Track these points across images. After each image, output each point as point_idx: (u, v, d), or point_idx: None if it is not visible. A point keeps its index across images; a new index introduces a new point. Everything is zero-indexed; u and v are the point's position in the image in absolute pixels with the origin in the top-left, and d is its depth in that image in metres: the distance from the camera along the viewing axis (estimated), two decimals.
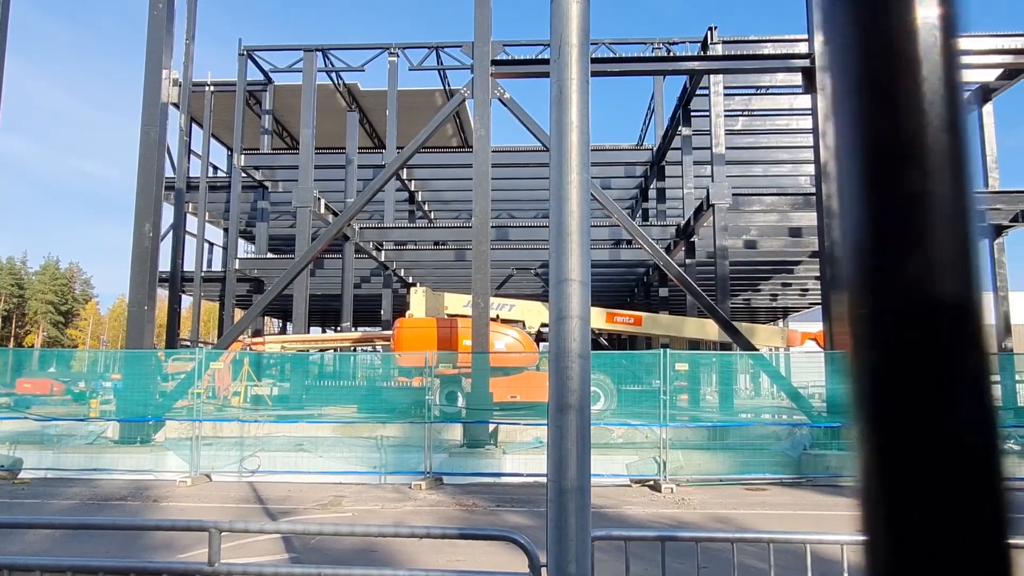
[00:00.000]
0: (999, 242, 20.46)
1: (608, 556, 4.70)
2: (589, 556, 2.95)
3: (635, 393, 13.65)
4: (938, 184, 0.52)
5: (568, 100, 3.03)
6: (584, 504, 2.93)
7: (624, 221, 15.91)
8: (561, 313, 2.96)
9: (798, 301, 35.54)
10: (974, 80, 18.86)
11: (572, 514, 2.90)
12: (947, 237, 0.52)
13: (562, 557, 2.90)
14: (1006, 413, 14.70)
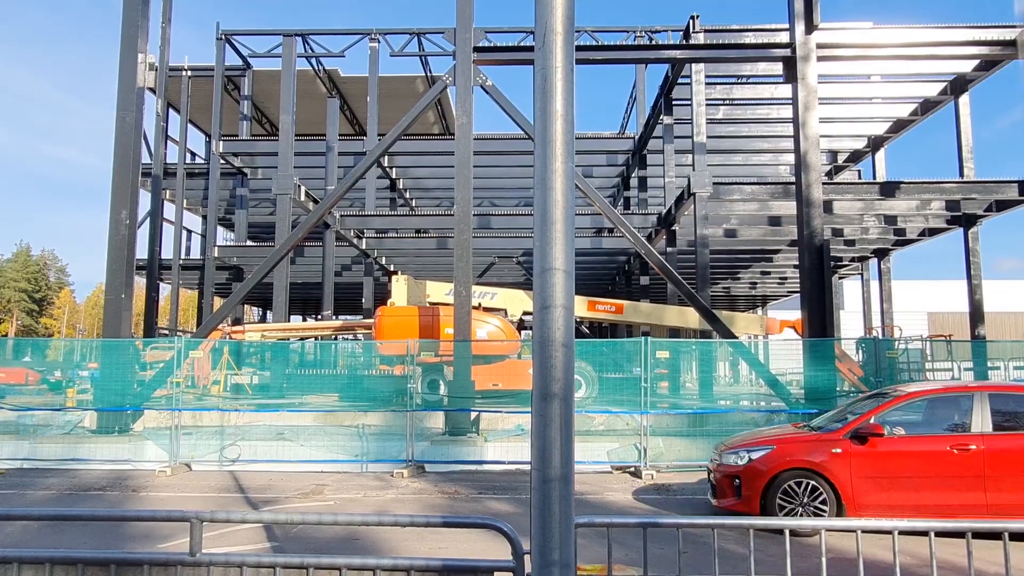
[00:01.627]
0: (973, 231, 20.79)
1: (590, 542, 4.76)
2: (572, 542, 2.98)
3: (616, 381, 13.73)
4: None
5: (553, 88, 3.03)
6: (567, 492, 2.96)
7: (606, 210, 15.95)
8: (545, 302, 2.97)
9: (776, 289, 35.91)
10: (950, 71, 19.07)
11: (556, 502, 2.92)
12: None
13: (546, 544, 2.93)
14: None
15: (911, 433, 7.69)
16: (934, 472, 7.34)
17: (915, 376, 17.01)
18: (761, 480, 7.53)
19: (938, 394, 8.18)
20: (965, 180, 19.07)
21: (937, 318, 45.13)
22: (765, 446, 7.86)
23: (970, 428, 7.48)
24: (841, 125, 22.42)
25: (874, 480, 7.39)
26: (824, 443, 7.65)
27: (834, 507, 7.38)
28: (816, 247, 13.86)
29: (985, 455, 7.27)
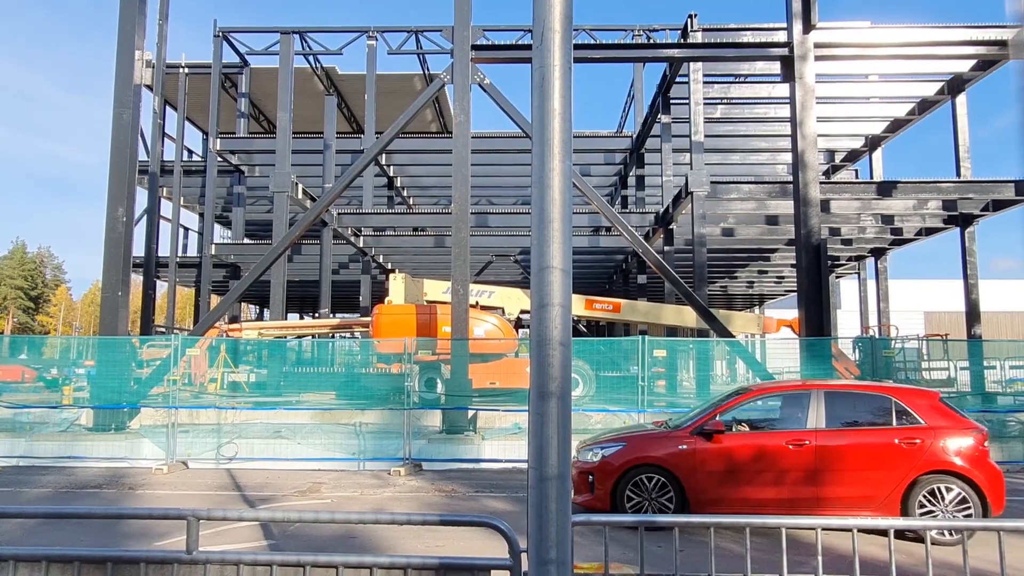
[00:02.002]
0: (970, 231, 20.83)
1: (587, 540, 4.76)
2: (569, 541, 2.98)
3: (613, 379, 13.74)
4: None
5: (551, 87, 3.02)
6: (565, 490, 2.96)
7: (604, 208, 15.95)
8: (543, 301, 2.97)
9: (774, 288, 35.97)
10: (947, 71, 19.09)
11: (553, 500, 2.92)
12: None
13: (543, 542, 2.93)
14: (974, 398, 15.03)
15: (755, 430, 7.95)
16: (772, 467, 7.57)
17: (911, 375, 17.06)
18: (612, 476, 7.72)
19: (780, 392, 8.47)
20: (962, 180, 19.11)
21: (933, 317, 45.23)
22: (617, 443, 8.04)
23: (806, 424, 7.72)
24: (838, 124, 22.45)
25: (717, 475, 7.61)
26: (672, 440, 7.89)
27: (680, 502, 7.59)
28: (813, 246, 13.88)
29: (816, 450, 7.51)
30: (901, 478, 7.33)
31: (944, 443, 7.42)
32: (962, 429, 7.55)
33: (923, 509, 7.24)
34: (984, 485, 7.23)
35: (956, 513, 7.17)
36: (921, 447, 7.42)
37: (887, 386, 8.34)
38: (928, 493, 7.29)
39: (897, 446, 7.43)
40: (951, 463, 7.33)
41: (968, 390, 15.88)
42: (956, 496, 7.23)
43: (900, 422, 7.64)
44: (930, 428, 7.53)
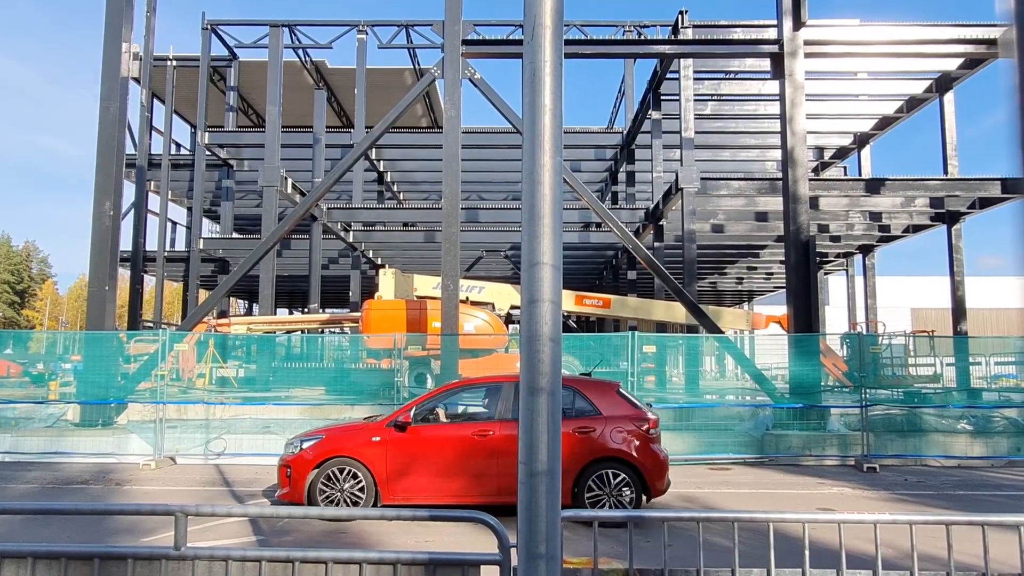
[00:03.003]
0: (956, 228, 21.01)
1: (577, 535, 4.78)
2: (559, 536, 2.99)
3: (603, 375, 13.77)
4: None
5: (541, 82, 3.02)
6: (554, 485, 2.97)
7: (594, 204, 15.96)
8: (533, 296, 2.97)
9: (763, 284, 36.14)
10: (935, 69, 19.22)
11: (542, 496, 2.93)
12: None
13: (532, 537, 2.93)
14: (959, 394, 15.19)
15: (453, 421, 8.21)
16: (459, 458, 7.79)
17: (898, 371, 17.21)
18: (307, 468, 7.79)
19: (479, 384, 8.67)
20: (949, 177, 19.26)
21: (920, 314, 45.63)
22: (317, 436, 8.13)
23: (495, 416, 7.99)
24: (828, 122, 22.56)
25: (408, 466, 7.77)
26: (368, 432, 7.99)
27: (372, 493, 7.72)
28: (802, 243, 13.95)
29: (499, 440, 7.75)
30: (573, 466, 7.60)
31: (615, 431, 7.80)
32: (633, 418, 7.94)
33: (591, 493, 7.61)
34: (645, 470, 7.67)
35: (620, 496, 7.59)
36: (594, 435, 7.79)
37: (570, 377, 8.65)
38: (597, 479, 7.65)
39: (573, 435, 7.72)
40: (619, 450, 7.72)
41: (954, 386, 16.05)
42: (621, 481, 7.62)
43: (580, 412, 7.99)
44: (605, 418, 7.90)
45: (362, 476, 7.75)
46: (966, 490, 9.84)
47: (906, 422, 12.92)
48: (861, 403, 12.36)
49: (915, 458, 12.16)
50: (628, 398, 8.33)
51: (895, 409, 13.45)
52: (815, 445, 12.31)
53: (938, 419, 13.10)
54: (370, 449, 7.84)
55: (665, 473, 7.88)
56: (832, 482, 10.38)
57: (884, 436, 12.44)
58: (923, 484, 10.35)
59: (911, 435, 12.56)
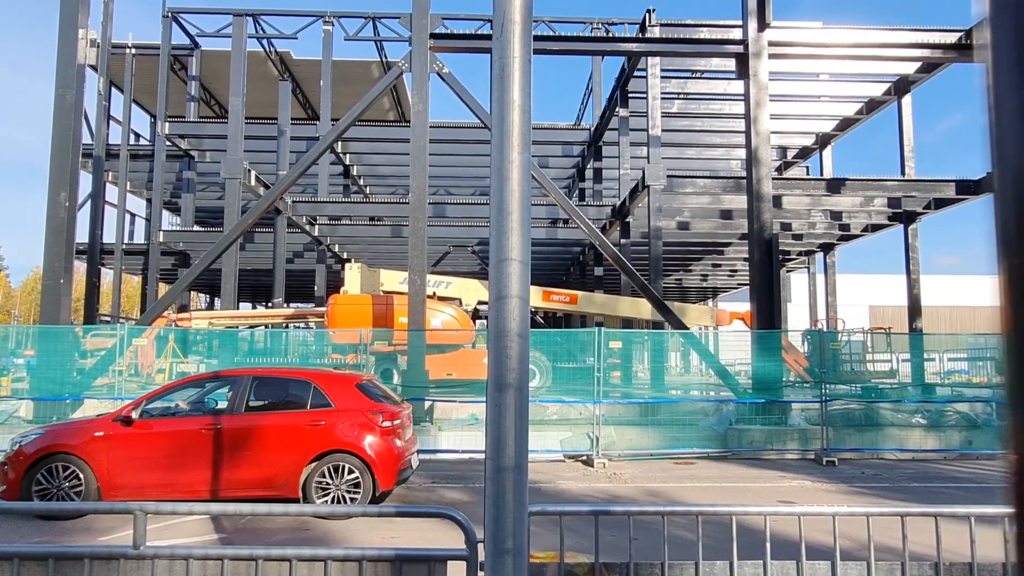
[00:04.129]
0: (913, 228, 21.55)
1: (544, 530, 4.80)
2: (526, 531, 3.00)
3: (570, 370, 13.86)
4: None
5: (510, 78, 3.01)
6: (521, 481, 2.97)
7: (562, 200, 16.01)
8: (501, 292, 2.96)
9: (727, 282, 36.65)
10: (894, 72, 19.68)
11: (510, 491, 2.93)
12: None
13: (499, 532, 2.94)
14: (914, 389, 15.62)
15: (185, 415, 8.07)
16: (186, 452, 7.73)
17: (856, 367, 17.62)
18: (23, 464, 7.65)
19: (211, 378, 8.74)
20: (906, 178, 19.75)
21: (878, 311, 46.77)
22: (40, 431, 8.06)
23: (227, 410, 7.96)
24: (791, 122, 22.95)
25: (132, 462, 7.68)
26: (92, 427, 7.87)
27: (92, 488, 7.63)
28: (765, 240, 14.19)
29: (227, 434, 7.74)
30: (302, 459, 7.69)
31: (347, 424, 7.85)
32: (368, 411, 7.99)
33: (321, 485, 7.66)
34: (374, 463, 7.72)
35: (350, 489, 7.64)
36: (325, 428, 7.82)
37: (309, 371, 8.80)
38: (327, 471, 7.69)
39: (303, 428, 7.80)
40: (349, 443, 7.77)
41: (909, 381, 16.50)
42: (350, 473, 7.69)
43: (314, 405, 8.01)
44: (339, 411, 7.94)
45: (80, 472, 7.57)
46: (920, 482, 10.13)
47: (863, 417, 13.25)
48: (821, 398, 12.64)
49: (872, 451, 12.48)
50: (370, 391, 8.36)
51: (853, 404, 13.78)
52: (777, 439, 12.55)
53: (894, 414, 13.46)
54: (91, 444, 7.65)
55: (396, 466, 7.88)
56: (793, 475, 10.59)
57: (843, 430, 12.74)
58: (879, 477, 10.63)
59: (868, 429, 12.88)
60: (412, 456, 8.59)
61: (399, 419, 8.21)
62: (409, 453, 8.37)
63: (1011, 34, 0.54)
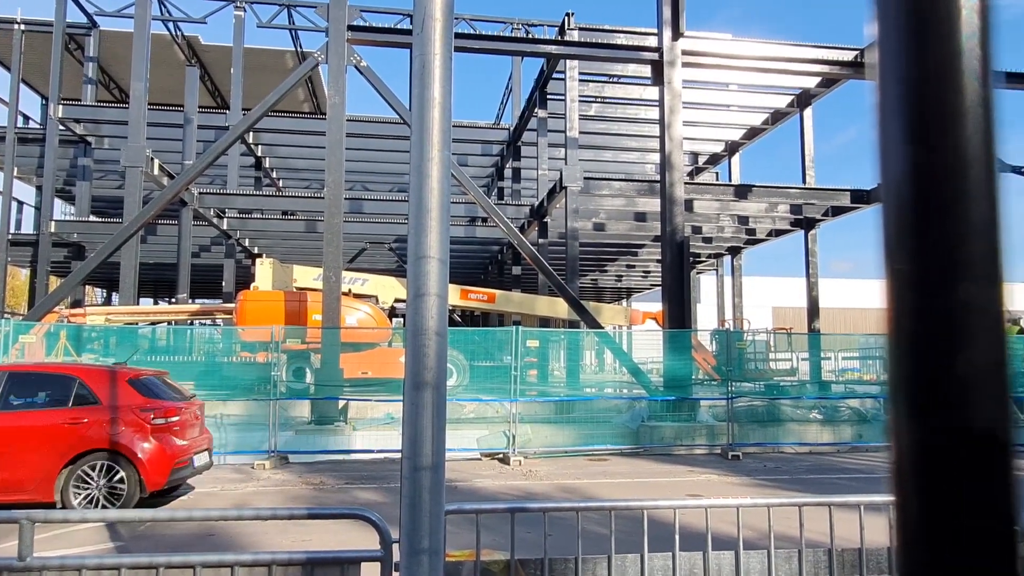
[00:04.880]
0: (813, 234, 22.79)
1: (460, 528, 4.79)
2: (442, 530, 2.98)
3: (487, 369, 13.90)
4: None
5: (431, 75, 2.99)
6: (438, 480, 2.96)
7: (480, 199, 16.03)
8: (419, 290, 2.94)
9: (640, 282, 37.65)
10: (797, 85, 20.75)
11: (426, 490, 2.91)
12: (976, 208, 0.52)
13: (415, 532, 2.91)
14: (812, 386, 16.53)
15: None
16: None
17: (760, 366, 18.47)
18: None
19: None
20: (807, 187, 20.86)
21: (780, 312, 49.14)
22: None
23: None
24: (702, 129, 23.80)
25: None
26: None
27: None
28: (677, 243, 14.67)
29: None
30: (58, 459, 7.36)
31: (112, 422, 7.59)
32: (139, 408, 7.74)
33: (79, 488, 7.38)
34: (141, 463, 7.46)
35: (112, 490, 7.40)
36: (87, 426, 7.54)
37: (74, 366, 8.56)
38: (88, 471, 7.42)
39: (60, 427, 7.47)
40: (114, 442, 7.48)
41: (807, 379, 17.43)
42: (111, 473, 7.48)
43: (77, 402, 7.70)
44: (104, 407, 7.67)
45: None
46: (816, 474, 10.73)
47: (766, 413, 13.92)
48: (727, 395, 13.18)
49: (773, 445, 13.12)
50: (147, 386, 8.05)
51: (757, 401, 14.46)
52: (686, 435, 13.00)
53: (794, 409, 14.20)
54: None
55: (168, 465, 7.58)
56: (701, 469, 11.00)
57: (747, 426, 13.33)
58: (780, 469, 11.18)
59: (770, 425, 13.54)
60: (199, 455, 8.17)
61: (177, 416, 7.82)
62: (193, 452, 7.96)
63: (894, 58, 0.58)
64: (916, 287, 0.53)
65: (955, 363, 0.48)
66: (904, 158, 0.56)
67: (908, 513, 0.52)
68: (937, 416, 0.50)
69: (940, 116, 0.54)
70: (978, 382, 0.47)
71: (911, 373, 0.51)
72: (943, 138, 0.53)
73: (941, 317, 0.50)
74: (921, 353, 0.51)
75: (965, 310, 0.49)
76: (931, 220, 0.52)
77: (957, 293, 0.49)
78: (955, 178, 0.53)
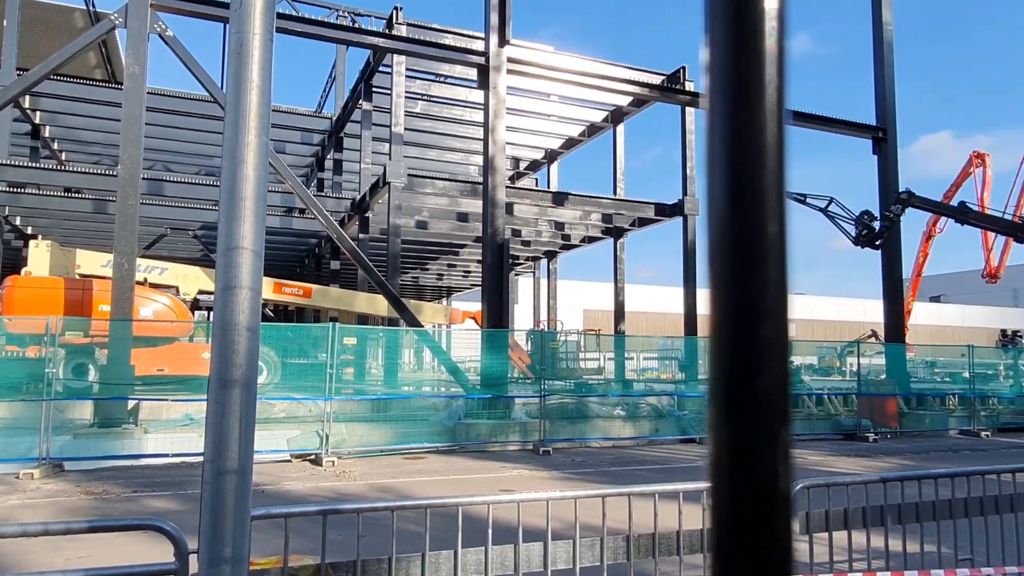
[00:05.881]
0: (621, 242, 24.46)
1: (268, 535, 4.54)
2: (247, 537, 2.81)
3: (301, 366, 13.35)
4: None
5: (249, 55, 2.81)
6: (244, 484, 2.78)
7: (299, 189, 15.36)
8: (229, 283, 2.75)
9: (461, 282, 38.16)
10: (611, 102, 22.18)
11: (230, 495, 2.73)
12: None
13: (217, 540, 2.72)
14: (617, 384, 17.74)
15: None
16: None
17: (571, 365, 19.50)
18: None
19: None
20: (617, 198, 22.34)
21: (591, 315, 52.14)
22: None
23: None
24: (525, 135, 24.64)
25: None
26: None
27: None
28: (498, 245, 15.05)
29: None
30: None
31: None
32: None
33: None
34: None
35: None
36: None
37: None
38: None
39: None
40: None
41: (612, 377, 18.69)
42: None
43: None
44: None
45: None
46: (619, 466, 11.52)
47: (575, 410, 14.72)
48: (540, 393, 13.75)
49: (581, 441, 13.90)
50: None
51: (567, 398, 15.24)
52: (501, 432, 13.38)
53: (600, 406, 15.14)
54: None
55: None
56: (514, 465, 11.37)
57: (558, 422, 14.01)
58: (586, 463, 11.87)
59: (579, 421, 14.33)
60: None
61: None
62: None
63: (720, 94, 0.63)
64: (730, 326, 0.63)
65: (756, 383, 0.60)
66: (725, 228, 0.63)
67: (720, 497, 0.61)
68: (744, 422, 0.61)
69: (752, 181, 0.62)
70: (772, 397, 0.61)
71: (725, 389, 0.63)
72: (755, 214, 0.61)
73: (749, 348, 0.62)
74: (733, 375, 0.62)
75: (765, 344, 0.61)
76: (742, 277, 0.62)
77: (760, 332, 0.61)
78: (758, 244, 0.62)
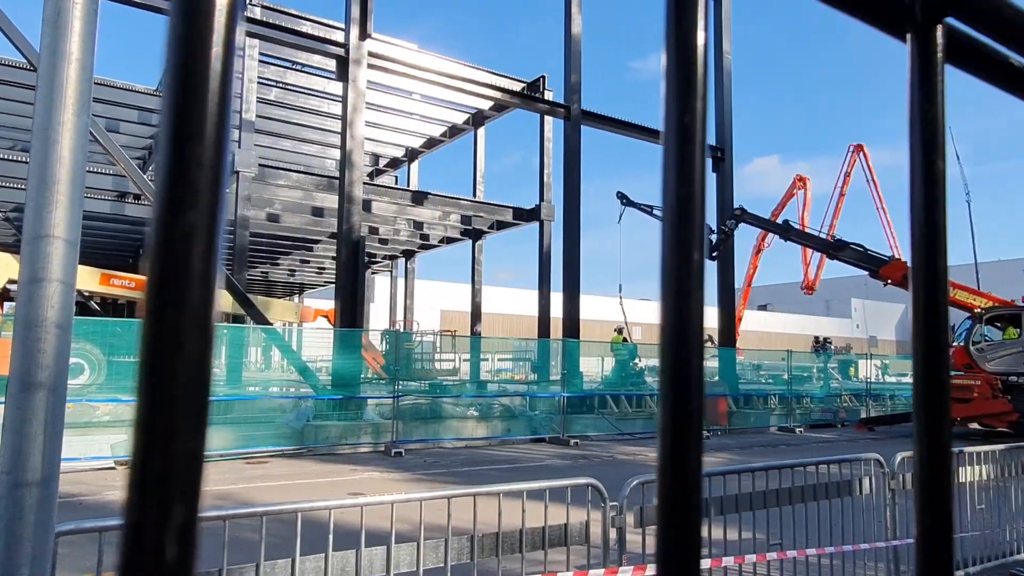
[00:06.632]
0: (479, 244, 24.72)
1: (84, 550, 4.16)
2: (50, 555, 2.57)
3: (129, 365, 12.31)
4: None
5: (67, 26, 2.56)
6: (49, 496, 2.54)
7: (133, 173, 14.06)
8: (36, 275, 2.49)
9: (314, 279, 36.89)
10: (473, 105, 22.36)
11: (31, 510, 2.48)
12: None
13: (12, 561, 2.46)
14: (471, 385, 17.91)
15: None
16: None
17: (426, 365, 19.44)
18: None
19: None
20: (477, 200, 22.57)
21: (448, 315, 52.23)
22: None
23: None
24: (385, 132, 24.25)
25: None
26: None
27: None
28: (353, 242, 14.72)
29: None
30: None
31: None
32: None
33: None
34: None
35: None
36: None
37: None
38: None
39: None
40: None
41: (467, 378, 18.85)
42: None
43: None
44: None
45: None
46: (470, 466, 11.62)
47: (429, 410, 14.68)
48: (394, 394, 13.59)
49: (434, 441, 13.88)
50: None
51: (422, 399, 15.18)
52: (352, 434, 13.07)
53: (454, 407, 15.21)
54: None
55: None
56: (364, 468, 11.15)
57: (411, 423, 13.90)
58: (438, 464, 11.87)
59: (432, 421, 14.31)
60: None
61: None
62: None
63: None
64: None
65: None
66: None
67: None
68: None
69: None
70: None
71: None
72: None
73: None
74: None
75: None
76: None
77: None
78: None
